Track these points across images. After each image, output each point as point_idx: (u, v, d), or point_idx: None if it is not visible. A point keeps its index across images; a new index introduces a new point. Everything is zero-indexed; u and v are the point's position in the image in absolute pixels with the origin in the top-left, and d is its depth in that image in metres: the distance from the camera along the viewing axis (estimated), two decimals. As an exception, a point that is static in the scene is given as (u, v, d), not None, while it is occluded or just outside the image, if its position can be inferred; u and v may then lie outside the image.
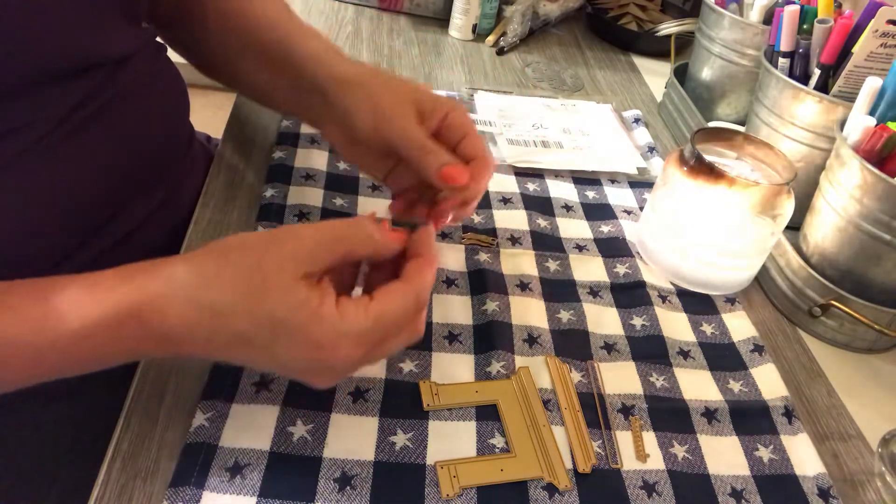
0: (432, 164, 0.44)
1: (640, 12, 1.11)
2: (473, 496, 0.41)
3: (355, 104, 0.47)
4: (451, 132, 0.47)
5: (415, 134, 0.45)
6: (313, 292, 0.35)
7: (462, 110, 0.48)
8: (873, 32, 0.59)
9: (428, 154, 0.44)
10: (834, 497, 0.45)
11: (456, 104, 0.48)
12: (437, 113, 0.47)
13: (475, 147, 0.47)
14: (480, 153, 0.47)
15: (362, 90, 0.47)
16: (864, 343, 0.59)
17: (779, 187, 0.56)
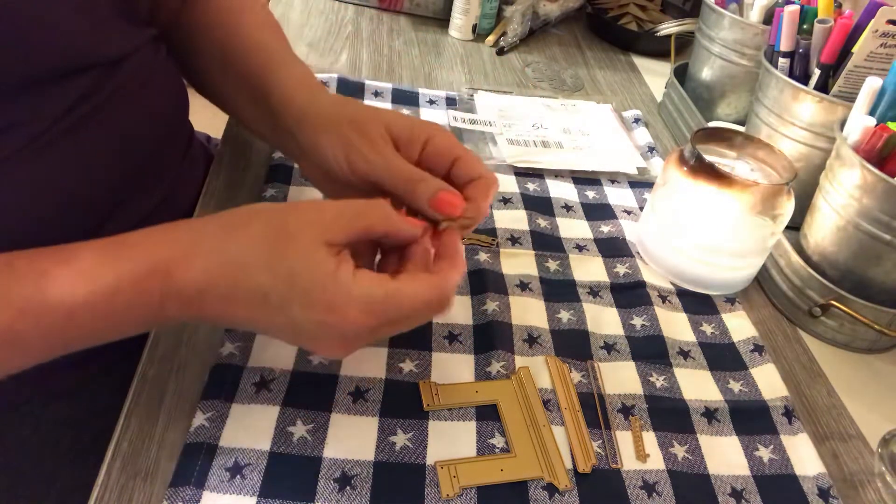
0: (423, 193, 0.42)
1: (640, 12, 1.11)
2: (473, 496, 0.41)
3: (326, 145, 0.45)
4: (438, 158, 0.45)
5: (396, 164, 0.43)
6: (332, 257, 0.35)
7: (445, 133, 0.45)
8: (873, 32, 0.59)
9: (416, 184, 0.42)
10: (834, 497, 0.45)
11: (437, 128, 0.46)
12: (415, 140, 0.45)
13: (471, 167, 0.44)
14: (478, 172, 0.44)
15: (330, 130, 0.45)
16: (864, 343, 0.59)
17: (779, 187, 0.56)
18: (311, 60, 0.85)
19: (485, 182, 0.44)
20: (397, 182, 0.43)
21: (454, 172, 0.45)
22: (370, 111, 0.46)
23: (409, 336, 0.50)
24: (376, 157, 0.43)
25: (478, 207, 0.43)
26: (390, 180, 0.43)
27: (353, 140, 0.44)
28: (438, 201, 0.42)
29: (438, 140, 0.45)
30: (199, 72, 0.58)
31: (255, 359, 0.46)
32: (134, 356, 0.46)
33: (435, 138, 0.45)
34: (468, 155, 0.45)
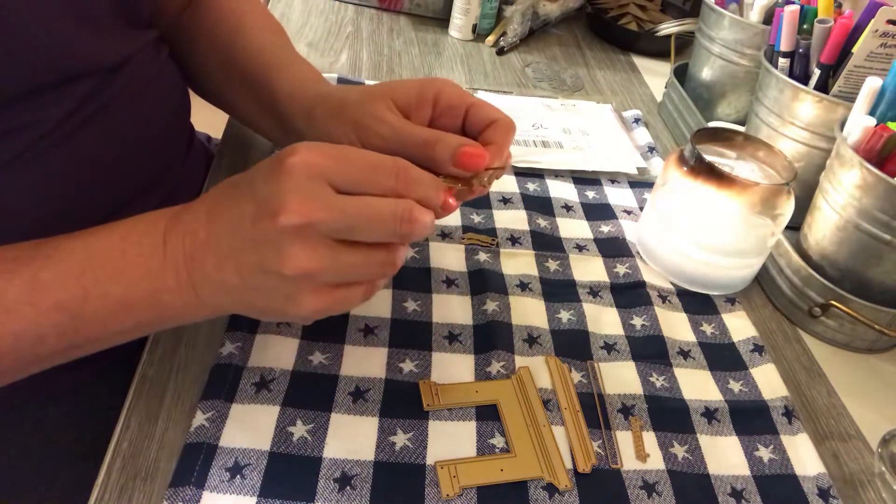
0: (442, 153, 0.40)
1: (640, 12, 1.11)
2: (473, 496, 0.41)
3: (338, 133, 0.44)
4: (451, 112, 0.43)
5: (408, 132, 0.42)
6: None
7: (451, 85, 0.44)
8: (873, 32, 0.59)
9: (434, 146, 0.40)
10: (834, 497, 0.45)
11: (443, 81, 0.44)
12: (424, 100, 0.43)
13: (485, 113, 0.43)
14: (494, 116, 0.42)
15: (339, 117, 0.45)
16: (864, 343, 0.59)
17: (779, 187, 0.56)
18: (311, 60, 0.84)
19: (502, 125, 0.42)
20: (414, 150, 0.41)
21: (469, 122, 0.43)
22: (373, 88, 0.45)
23: (410, 336, 0.50)
24: (387, 131, 0.42)
25: (500, 152, 0.41)
26: (407, 150, 0.41)
27: (361, 120, 0.43)
28: (461, 156, 0.40)
29: (447, 93, 0.43)
30: (201, 75, 0.58)
31: (254, 359, 0.46)
32: (134, 357, 0.46)
33: (443, 92, 0.43)
34: (480, 101, 0.43)
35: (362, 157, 0.35)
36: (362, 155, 0.35)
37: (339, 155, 0.34)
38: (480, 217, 0.64)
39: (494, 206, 0.66)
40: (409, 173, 0.35)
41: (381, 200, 0.34)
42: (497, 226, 0.63)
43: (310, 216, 0.32)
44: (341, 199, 0.33)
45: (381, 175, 0.34)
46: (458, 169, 0.40)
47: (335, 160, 0.34)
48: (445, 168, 0.40)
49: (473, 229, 0.62)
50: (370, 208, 0.34)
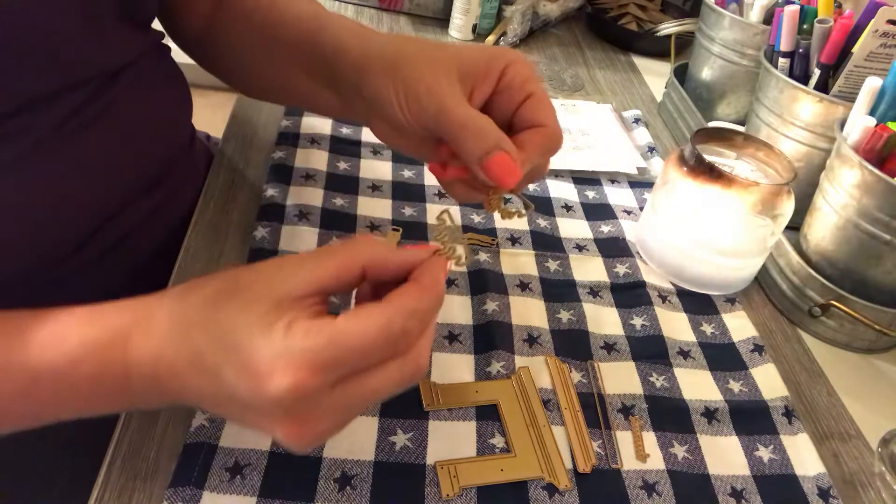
0: (473, 149, 0.36)
1: (640, 12, 1.11)
2: (473, 496, 0.41)
3: (382, 89, 0.39)
4: (510, 93, 0.39)
5: (450, 107, 0.36)
6: (273, 311, 0.29)
7: (523, 63, 0.39)
8: (873, 32, 0.59)
9: (469, 136, 0.36)
10: (834, 497, 0.45)
11: (516, 55, 0.39)
12: (492, 71, 0.38)
13: (538, 111, 0.38)
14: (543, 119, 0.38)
15: (391, 71, 0.39)
16: (864, 343, 0.59)
17: (779, 187, 0.56)
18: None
19: (548, 133, 0.38)
20: (449, 130, 0.36)
21: (520, 113, 0.39)
22: (438, 50, 0.39)
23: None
24: (433, 108, 0.37)
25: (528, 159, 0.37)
26: (441, 127, 0.37)
27: (412, 85, 0.38)
28: (491, 164, 0.35)
29: (515, 70, 0.38)
30: (244, 66, 0.55)
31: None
32: None
33: (512, 67, 0.38)
34: (541, 94, 0.38)
35: (356, 346, 0.29)
36: (355, 340, 0.29)
37: (332, 359, 0.28)
38: (480, 217, 0.64)
39: (494, 206, 0.66)
40: (411, 333, 0.30)
41: (384, 378, 0.30)
42: (497, 226, 0.63)
43: (309, 434, 0.30)
44: (339, 401, 0.30)
45: (379, 352, 0.30)
46: (482, 174, 0.36)
47: (325, 368, 0.28)
48: (471, 166, 0.36)
49: (473, 229, 0.62)
50: (374, 394, 0.30)
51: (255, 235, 0.55)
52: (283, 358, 0.28)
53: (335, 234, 0.58)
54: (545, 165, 0.40)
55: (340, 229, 0.58)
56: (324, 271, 0.31)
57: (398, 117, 0.39)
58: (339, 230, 0.58)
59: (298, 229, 0.57)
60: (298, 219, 0.58)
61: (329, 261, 0.31)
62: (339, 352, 0.28)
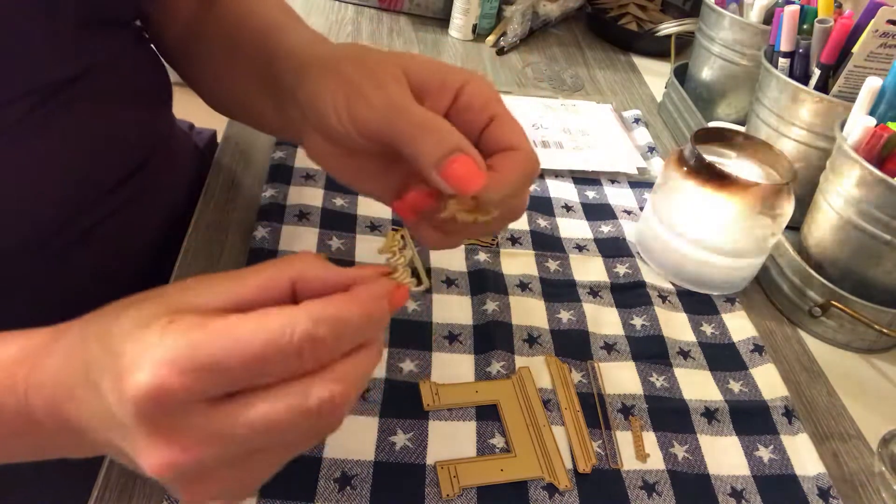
0: (431, 151, 0.30)
1: (640, 12, 1.11)
2: (473, 496, 0.41)
3: (326, 92, 0.34)
4: (470, 115, 0.34)
5: (403, 106, 0.32)
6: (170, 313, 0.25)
7: (482, 82, 0.34)
8: (873, 32, 0.59)
9: (425, 136, 0.31)
10: (834, 497, 0.45)
11: (472, 74, 0.34)
12: (446, 89, 0.34)
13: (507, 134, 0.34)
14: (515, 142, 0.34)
15: (332, 73, 0.35)
16: (864, 343, 0.59)
17: (779, 187, 0.56)
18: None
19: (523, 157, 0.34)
20: (402, 130, 0.31)
21: (485, 138, 0.34)
22: (386, 53, 0.35)
23: (410, 336, 0.50)
24: (382, 101, 0.32)
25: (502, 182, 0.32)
26: (394, 129, 0.31)
27: (357, 82, 0.33)
28: (449, 165, 0.30)
29: (474, 89, 0.34)
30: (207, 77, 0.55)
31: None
32: None
33: (470, 86, 0.34)
34: (506, 116, 0.34)
35: (242, 348, 0.23)
36: (245, 339, 0.23)
37: (207, 358, 0.23)
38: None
39: (494, 206, 0.66)
40: (322, 343, 0.24)
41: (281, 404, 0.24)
42: (497, 226, 0.63)
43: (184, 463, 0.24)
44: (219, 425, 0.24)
45: (278, 363, 0.24)
46: (440, 179, 0.30)
47: (197, 370, 0.23)
48: (426, 171, 0.31)
49: (473, 229, 0.62)
50: (267, 425, 0.24)
51: (255, 235, 0.55)
52: (149, 353, 0.23)
53: (335, 234, 0.58)
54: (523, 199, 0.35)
55: (340, 229, 0.58)
56: (243, 286, 0.26)
57: (333, 123, 0.34)
58: (339, 230, 0.58)
59: (298, 229, 0.57)
60: (298, 219, 0.58)
61: (253, 275, 0.27)
62: (219, 351, 0.23)
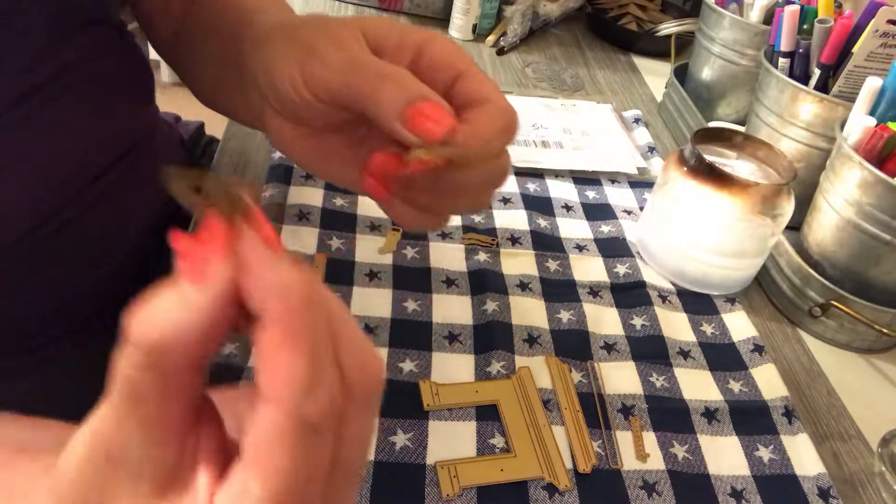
0: (392, 100, 0.29)
1: (640, 12, 1.11)
2: (473, 496, 0.41)
3: (277, 56, 0.33)
4: (433, 74, 0.32)
5: (360, 60, 0.30)
6: None
7: (443, 40, 0.33)
8: (873, 32, 0.59)
9: (384, 85, 0.29)
10: (834, 497, 0.45)
11: (433, 34, 0.33)
12: (405, 46, 0.32)
13: (477, 87, 0.32)
14: (487, 94, 0.32)
15: (286, 39, 0.33)
16: (864, 343, 0.59)
17: (779, 187, 0.56)
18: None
19: (497, 110, 0.31)
20: (361, 87, 0.30)
21: (454, 95, 0.32)
22: (344, 17, 0.34)
23: (410, 336, 0.50)
24: (339, 61, 0.30)
25: (476, 133, 0.30)
26: (352, 86, 0.30)
27: (311, 43, 0.32)
28: (414, 114, 0.28)
29: (435, 49, 0.32)
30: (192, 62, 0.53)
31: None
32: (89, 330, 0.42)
33: (431, 45, 0.32)
34: (474, 71, 0.33)
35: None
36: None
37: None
38: (480, 217, 0.64)
39: (494, 206, 0.66)
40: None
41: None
42: (497, 226, 0.63)
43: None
44: None
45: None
46: (405, 131, 0.29)
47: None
48: (390, 125, 0.29)
49: (473, 229, 0.62)
50: None
51: (255, 235, 0.55)
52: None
53: (335, 234, 0.58)
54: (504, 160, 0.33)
55: (340, 229, 0.58)
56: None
57: (288, 92, 0.32)
58: (339, 230, 0.58)
59: (298, 229, 0.57)
60: (298, 219, 0.58)
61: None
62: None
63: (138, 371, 0.18)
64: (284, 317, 0.18)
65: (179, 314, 0.18)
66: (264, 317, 0.18)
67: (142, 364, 0.18)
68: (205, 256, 0.18)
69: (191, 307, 0.18)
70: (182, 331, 0.18)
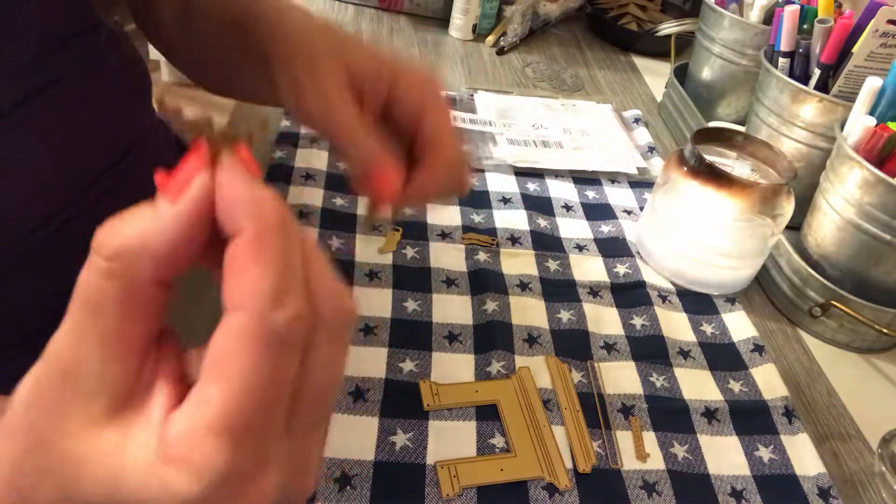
0: (351, 159, 0.33)
1: (640, 12, 1.11)
2: (473, 496, 0.41)
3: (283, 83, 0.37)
4: (402, 107, 0.35)
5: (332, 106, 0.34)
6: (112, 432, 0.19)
7: (413, 75, 0.35)
8: (873, 32, 0.59)
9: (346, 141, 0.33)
10: (834, 497, 0.45)
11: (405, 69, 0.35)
12: (381, 80, 0.35)
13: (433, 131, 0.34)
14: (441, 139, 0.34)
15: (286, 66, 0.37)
16: (864, 343, 0.59)
17: (779, 187, 0.56)
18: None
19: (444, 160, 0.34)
20: (332, 133, 0.34)
21: (420, 128, 0.35)
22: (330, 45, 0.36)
23: (410, 336, 0.50)
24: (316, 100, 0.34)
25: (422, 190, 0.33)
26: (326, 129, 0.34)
27: (302, 79, 0.35)
28: (366, 178, 0.33)
29: (406, 81, 0.35)
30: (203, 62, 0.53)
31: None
32: None
33: (402, 78, 0.35)
34: (435, 110, 0.35)
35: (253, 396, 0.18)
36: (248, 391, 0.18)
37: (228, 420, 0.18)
38: (480, 217, 0.64)
39: (494, 206, 0.66)
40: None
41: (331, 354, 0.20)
42: (497, 226, 0.63)
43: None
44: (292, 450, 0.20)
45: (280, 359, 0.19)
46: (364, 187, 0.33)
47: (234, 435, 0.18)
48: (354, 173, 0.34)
49: (473, 229, 0.62)
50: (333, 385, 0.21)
51: (255, 235, 0.55)
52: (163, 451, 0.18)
53: (335, 233, 0.58)
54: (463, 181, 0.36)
55: (340, 229, 0.58)
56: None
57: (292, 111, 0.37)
58: (339, 230, 0.58)
59: (298, 229, 0.57)
60: (298, 219, 0.58)
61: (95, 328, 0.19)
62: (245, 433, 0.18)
63: (100, 278, 0.18)
64: (257, 230, 0.18)
65: (148, 223, 0.18)
66: (236, 235, 0.18)
67: (104, 271, 0.18)
68: (184, 177, 0.19)
69: (161, 218, 0.18)
70: (149, 238, 0.18)
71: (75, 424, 0.19)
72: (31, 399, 0.19)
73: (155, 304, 0.20)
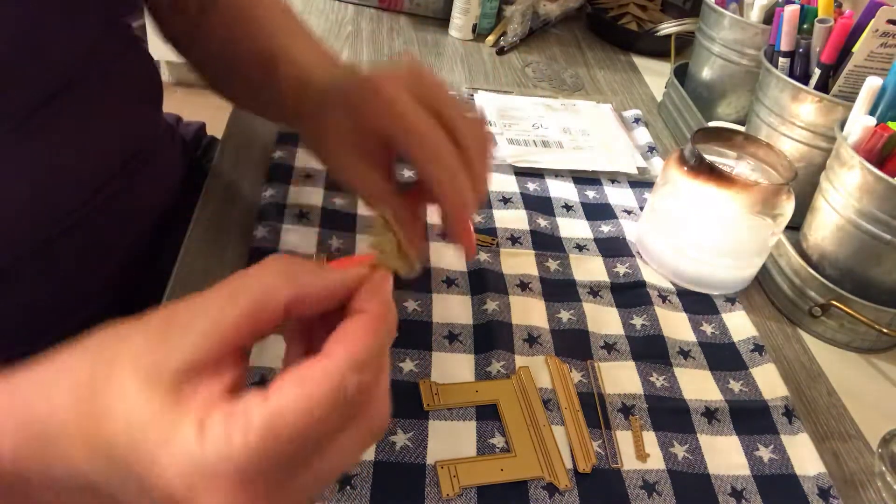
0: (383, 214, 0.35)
1: (640, 12, 1.11)
2: (473, 496, 0.41)
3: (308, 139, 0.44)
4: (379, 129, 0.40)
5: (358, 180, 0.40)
6: (178, 397, 0.22)
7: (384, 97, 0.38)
8: (873, 32, 0.59)
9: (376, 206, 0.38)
10: (834, 497, 0.45)
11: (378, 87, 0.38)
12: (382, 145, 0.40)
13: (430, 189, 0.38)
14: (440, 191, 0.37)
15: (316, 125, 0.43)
16: (865, 343, 0.59)
17: (779, 187, 0.56)
18: (311, 60, 0.85)
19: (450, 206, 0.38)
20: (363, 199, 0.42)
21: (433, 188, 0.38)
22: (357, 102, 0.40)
23: (410, 336, 0.50)
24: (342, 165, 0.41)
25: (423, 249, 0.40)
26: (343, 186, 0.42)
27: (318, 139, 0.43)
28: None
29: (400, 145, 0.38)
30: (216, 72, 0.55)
31: (254, 359, 0.46)
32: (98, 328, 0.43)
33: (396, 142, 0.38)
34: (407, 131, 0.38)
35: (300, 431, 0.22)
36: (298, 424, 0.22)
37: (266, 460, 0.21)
38: (480, 217, 0.64)
39: (494, 206, 0.66)
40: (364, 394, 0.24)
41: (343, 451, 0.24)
42: (497, 226, 0.63)
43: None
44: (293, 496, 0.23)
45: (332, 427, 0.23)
46: None
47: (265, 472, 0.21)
48: None
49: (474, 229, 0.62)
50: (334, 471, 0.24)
51: (255, 235, 0.55)
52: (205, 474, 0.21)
53: (335, 233, 0.58)
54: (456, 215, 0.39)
55: (340, 229, 0.58)
56: (230, 321, 0.23)
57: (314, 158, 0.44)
58: (339, 230, 0.58)
59: (298, 229, 0.57)
60: (298, 218, 0.58)
61: (235, 306, 0.23)
62: (280, 445, 0.21)
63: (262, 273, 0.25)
64: (378, 313, 0.25)
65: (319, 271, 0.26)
66: (356, 313, 0.25)
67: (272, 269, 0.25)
68: (349, 264, 0.28)
69: (329, 275, 0.26)
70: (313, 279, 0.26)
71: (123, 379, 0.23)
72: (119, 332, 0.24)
73: (267, 325, 0.24)
